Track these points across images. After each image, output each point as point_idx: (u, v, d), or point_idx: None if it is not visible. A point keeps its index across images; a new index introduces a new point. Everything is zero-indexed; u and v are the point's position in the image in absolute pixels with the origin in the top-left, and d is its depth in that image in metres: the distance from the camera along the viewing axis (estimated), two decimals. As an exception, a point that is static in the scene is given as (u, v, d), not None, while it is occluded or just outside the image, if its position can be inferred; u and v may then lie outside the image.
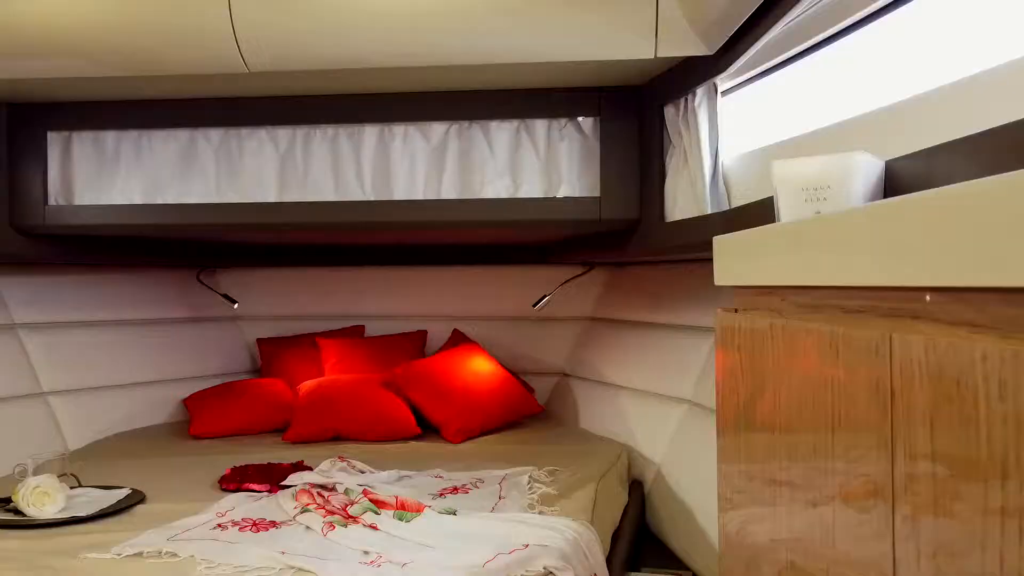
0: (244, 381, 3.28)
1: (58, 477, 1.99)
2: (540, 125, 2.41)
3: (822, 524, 0.84)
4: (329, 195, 2.49)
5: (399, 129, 2.47)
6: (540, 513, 1.91)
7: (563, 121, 2.40)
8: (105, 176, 2.59)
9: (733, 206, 1.94)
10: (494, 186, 2.41)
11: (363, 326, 3.62)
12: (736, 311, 1.12)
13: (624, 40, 1.93)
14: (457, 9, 1.96)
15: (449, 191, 2.43)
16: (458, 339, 3.37)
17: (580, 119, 2.39)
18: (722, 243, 1.14)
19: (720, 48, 1.85)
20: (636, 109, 2.35)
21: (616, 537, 2.10)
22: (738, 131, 1.99)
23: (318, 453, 2.57)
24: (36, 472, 2.01)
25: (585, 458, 2.48)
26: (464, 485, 2.18)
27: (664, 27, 1.87)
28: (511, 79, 2.29)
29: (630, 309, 3.10)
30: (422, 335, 3.50)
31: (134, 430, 3.08)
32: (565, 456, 2.50)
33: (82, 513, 1.91)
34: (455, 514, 1.85)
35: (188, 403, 3.12)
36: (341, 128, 2.49)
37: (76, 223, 2.59)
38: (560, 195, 2.39)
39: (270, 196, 2.52)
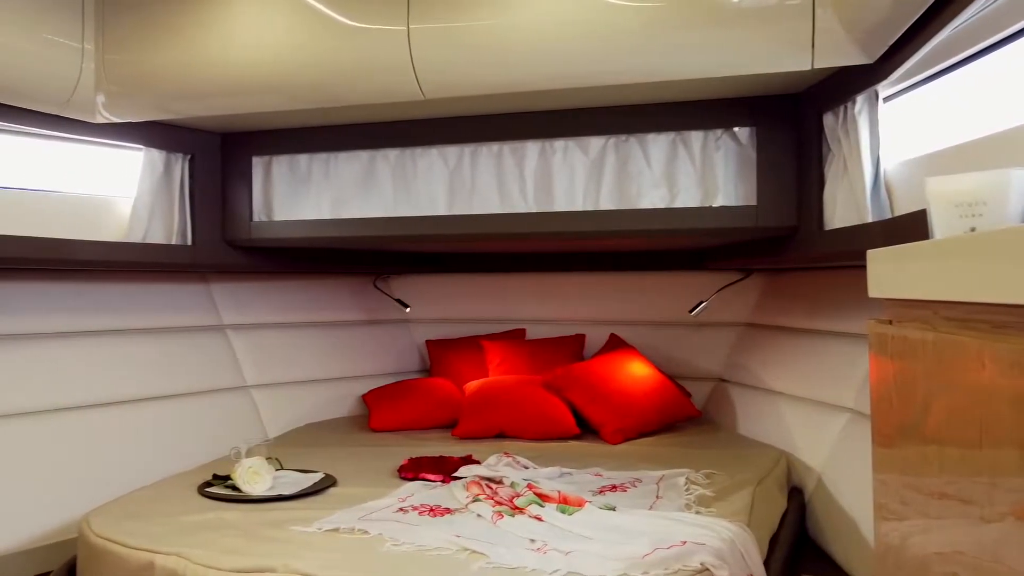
0: (416, 380, 3.55)
1: (265, 460, 2.28)
2: (696, 136, 2.47)
3: (990, 540, 0.84)
4: (494, 207, 2.67)
5: (559, 144, 2.61)
6: (697, 513, 1.98)
7: (718, 132, 2.45)
8: (299, 194, 2.91)
9: (897, 214, 1.92)
10: (650, 196, 2.50)
11: (524, 329, 3.80)
12: (890, 322, 1.15)
13: (780, 53, 1.95)
14: (613, 33, 2.06)
15: (607, 202, 2.54)
16: (615, 343, 3.46)
17: (736, 129, 2.43)
18: (875, 256, 1.18)
19: (881, 56, 1.84)
20: (793, 117, 2.36)
21: (774, 542, 2.13)
22: (901, 137, 1.96)
23: (484, 449, 2.75)
24: (248, 455, 2.31)
25: (742, 462, 2.50)
26: (622, 483, 2.28)
27: (821, 38, 1.88)
28: (666, 93, 2.37)
29: (789, 315, 3.07)
30: (580, 339, 3.63)
31: (320, 422, 3.41)
32: (722, 460, 2.53)
33: (286, 492, 2.18)
34: (614, 510, 1.96)
35: (367, 399, 3.41)
36: (505, 145, 2.66)
37: (275, 236, 2.93)
38: (716, 204, 2.43)
39: (440, 209, 2.74)
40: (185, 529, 1.88)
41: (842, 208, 2.10)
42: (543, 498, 2.03)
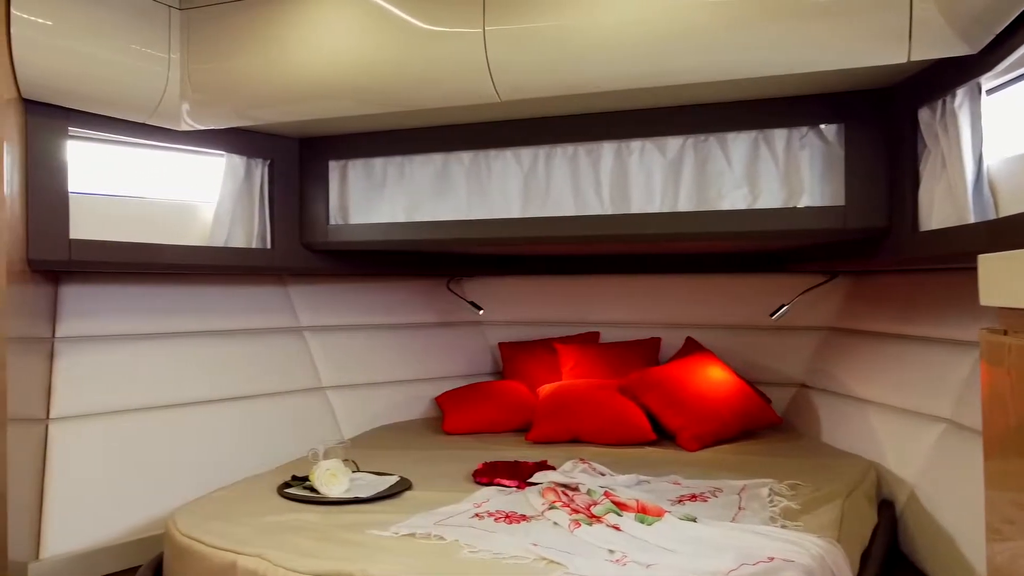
0: (489, 383, 3.54)
1: (342, 462, 2.30)
2: (779, 134, 2.38)
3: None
4: (569, 210, 2.63)
5: (636, 144, 2.55)
6: (783, 527, 1.90)
7: (804, 129, 2.35)
8: (374, 197, 2.93)
9: (1002, 214, 1.80)
10: (731, 197, 2.42)
11: (598, 332, 3.75)
12: (1004, 332, 1.07)
13: (873, 46, 1.86)
14: (693, 29, 2.00)
15: (685, 203, 2.47)
16: (692, 347, 3.38)
17: (823, 126, 2.33)
18: (988, 262, 1.10)
19: (985, 46, 1.73)
20: (885, 113, 2.25)
21: (866, 559, 2.03)
22: (1006, 132, 1.84)
23: (558, 454, 2.72)
24: (325, 456, 2.33)
25: (829, 473, 2.40)
26: (702, 493, 2.22)
27: (919, 28, 1.78)
28: (748, 90, 2.29)
29: (877, 320, 2.94)
30: (656, 342, 3.56)
31: (394, 423, 3.43)
32: (806, 470, 2.44)
33: (362, 495, 2.19)
34: (695, 521, 1.89)
35: (440, 401, 3.42)
36: (580, 146, 2.62)
37: (351, 239, 2.96)
38: (801, 204, 2.34)
39: (514, 212, 2.71)
40: (265, 530, 1.91)
41: (940, 208, 1.99)
42: (621, 507, 1.99)
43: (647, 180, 2.54)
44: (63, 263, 2.38)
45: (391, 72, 2.32)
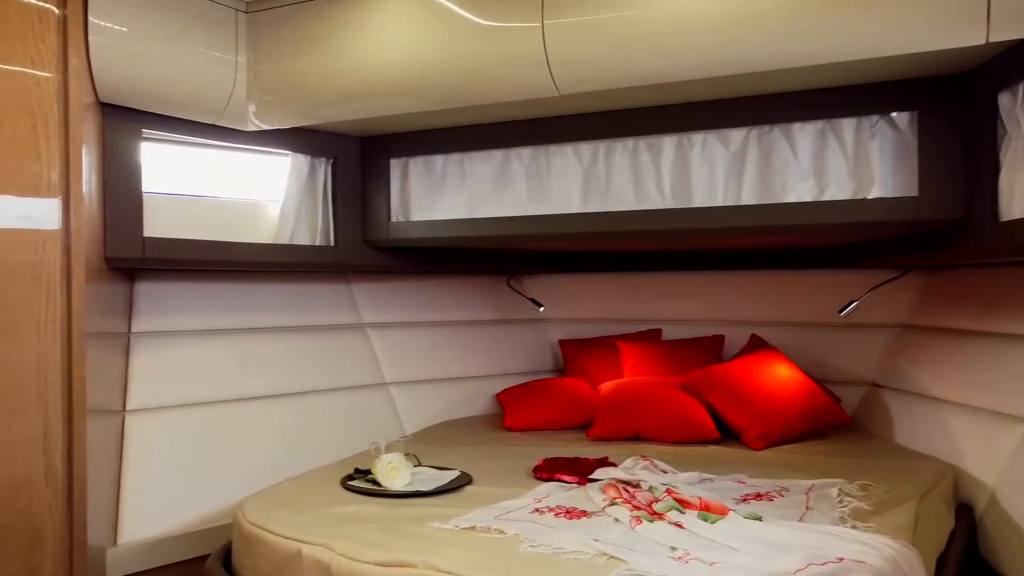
0: (550, 380, 3.53)
1: (404, 456, 2.32)
2: (847, 124, 2.30)
3: None
4: (630, 204, 2.60)
5: (698, 137, 2.51)
6: (853, 528, 1.84)
7: (874, 118, 2.27)
8: (434, 195, 2.95)
9: (1089, 201, 1.71)
10: (797, 190, 2.36)
11: (660, 330, 3.70)
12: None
13: (948, 28, 1.79)
14: (758, 16, 1.95)
15: (749, 196, 2.42)
16: (756, 345, 3.31)
17: (894, 114, 2.24)
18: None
19: (1071, 24, 1.65)
20: (961, 99, 2.15)
21: (942, 563, 1.95)
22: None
23: (619, 451, 2.69)
24: (387, 451, 2.36)
25: (902, 475, 2.32)
26: (768, 492, 2.16)
27: (998, 8, 1.70)
28: (814, 79, 2.22)
29: (954, 316, 2.82)
30: (719, 340, 3.49)
31: (455, 419, 3.45)
32: (878, 471, 2.35)
33: (424, 488, 2.21)
34: (760, 520, 1.85)
35: (500, 398, 3.43)
36: (641, 140, 2.58)
37: (412, 236, 2.99)
38: (871, 196, 2.26)
39: (574, 207, 2.69)
40: (330, 521, 1.94)
41: (1022, 197, 1.89)
42: (683, 504, 1.95)
43: (709, 173, 2.49)
44: (137, 260, 2.47)
45: (450, 69, 2.34)
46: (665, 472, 2.37)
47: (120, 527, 2.37)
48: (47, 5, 1.96)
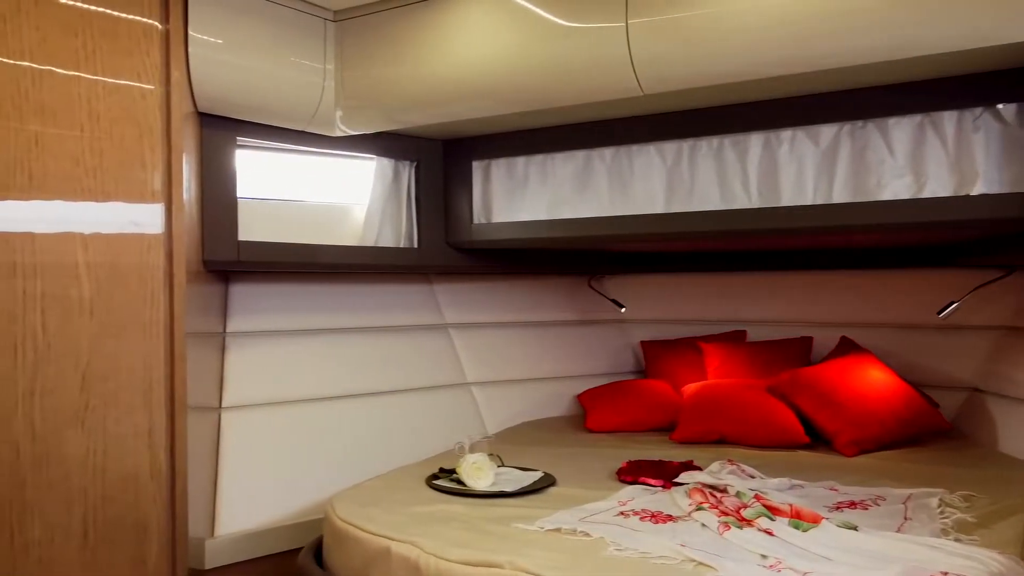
0: (632, 381, 3.50)
1: (487, 456, 2.34)
2: (948, 117, 2.20)
3: None
4: (715, 204, 2.55)
5: (786, 135, 2.44)
6: (956, 540, 1.76)
7: (977, 110, 2.16)
8: (516, 196, 2.97)
9: None
10: (892, 187, 2.27)
11: (745, 331, 3.62)
12: None
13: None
14: (849, 7, 1.88)
15: (841, 195, 2.34)
16: (847, 347, 3.20)
17: (1000, 106, 2.13)
18: None
19: None
20: (1077, 87, 2.03)
21: (1052, 580, 1.84)
22: None
23: (703, 454, 2.65)
24: (471, 450, 2.38)
25: (1008, 485, 2.20)
26: (863, 501, 2.09)
27: (1118, -8, 1.60)
28: (912, 71, 2.13)
29: (1065, 318, 2.66)
30: (807, 342, 3.39)
31: (536, 420, 3.46)
32: (981, 481, 2.24)
33: (508, 489, 2.23)
34: (856, 529, 1.79)
35: (582, 399, 3.42)
36: (726, 138, 2.53)
37: (494, 238, 3.01)
38: (975, 192, 2.15)
39: (658, 207, 2.66)
40: (416, 519, 1.97)
41: None
42: (773, 511, 1.90)
43: (798, 171, 2.42)
44: (232, 263, 2.57)
45: (534, 72, 2.34)
46: (753, 477, 2.32)
47: (217, 519, 2.47)
48: (152, 21, 2.06)
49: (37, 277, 1.88)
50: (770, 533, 1.80)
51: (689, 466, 2.40)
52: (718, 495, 2.06)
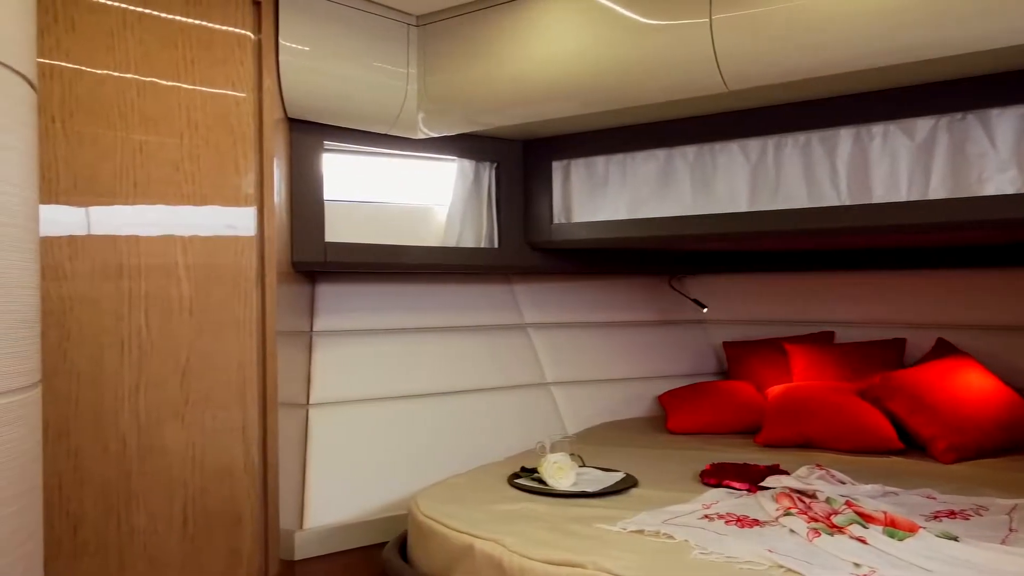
0: (714, 382, 3.44)
1: (569, 456, 2.34)
2: (1056, 107, 2.09)
3: None
4: (802, 202, 2.48)
5: (878, 129, 2.36)
6: (1067, 554, 1.66)
7: (1089, 99, 2.04)
8: (596, 195, 2.96)
9: None
10: (996, 181, 2.15)
11: (833, 332, 3.51)
12: None
13: None
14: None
15: (939, 190, 2.24)
16: (944, 349, 3.06)
17: (1117, 94, 2.01)
18: None
19: None
20: None
21: None
22: None
23: (789, 458, 2.58)
24: (552, 450, 2.39)
25: (1124, 498, 2.07)
26: (963, 510, 2.00)
27: None
28: (1014, 60, 2.02)
29: None
30: (900, 344, 3.26)
31: (616, 421, 3.44)
32: (1094, 493, 2.12)
33: (589, 489, 2.22)
34: (956, 540, 1.71)
35: (663, 399, 3.38)
36: (814, 134, 2.46)
37: (574, 238, 3.01)
38: (1089, 185, 2.03)
39: (742, 206, 2.61)
40: (499, 517, 1.99)
41: None
42: (866, 518, 1.84)
43: (891, 167, 2.33)
44: (320, 264, 2.65)
45: (615, 70, 2.33)
46: (843, 483, 2.25)
47: (306, 513, 2.54)
48: (245, 32, 2.15)
49: (141, 278, 1.98)
50: (863, 541, 1.74)
51: (775, 470, 2.34)
52: (807, 500, 2.01)
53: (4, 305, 1.06)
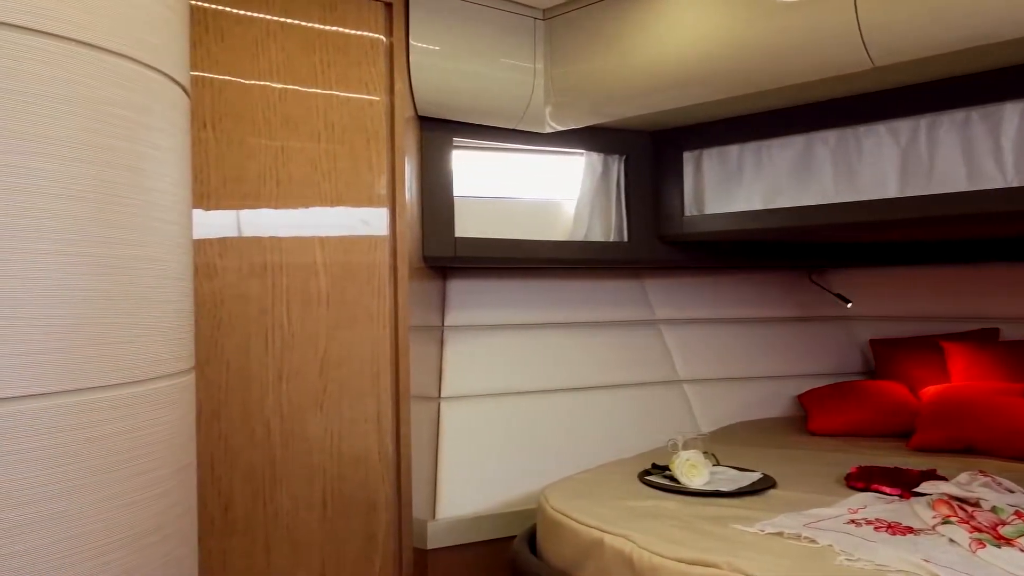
0: (861, 382, 3.24)
1: (702, 454, 2.26)
2: None
3: None
4: (960, 185, 2.29)
5: (1051, 101, 2.14)
6: None
7: None
8: (730, 186, 2.85)
9: None
10: None
11: (997, 329, 3.22)
12: None
13: None
14: None
15: None
16: None
17: None
18: None
19: None
20: None
21: None
22: None
23: (947, 464, 2.39)
24: (684, 448, 2.32)
25: None
26: None
27: None
28: None
29: None
30: (1075, 341, 2.95)
31: (752, 420, 3.30)
32: None
33: (724, 488, 2.14)
34: None
35: (803, 399, 3.22)
36: (974, 110, 2.26)
37: (706, 230, 2.91)
38: None
39: (891, 192, 2.44)
40: (629, 513, 1.95)
41: None
42: (1038, 530, 1.67)
43: (1068, 142, 2.11)
44: (450, 259, 2.69)
45: (750, 51, 2.23)
46: (1011, 492, 2.05)
47: (438, 503, 2.60)
48: (378, 36, 2.22)
49: (283, 274, 2.08)
50: (1035, 555, 1.57)
51: (931, 475, 2.16)
52: (968, 509, 1.85)
53: (162, 296, 1.13)
